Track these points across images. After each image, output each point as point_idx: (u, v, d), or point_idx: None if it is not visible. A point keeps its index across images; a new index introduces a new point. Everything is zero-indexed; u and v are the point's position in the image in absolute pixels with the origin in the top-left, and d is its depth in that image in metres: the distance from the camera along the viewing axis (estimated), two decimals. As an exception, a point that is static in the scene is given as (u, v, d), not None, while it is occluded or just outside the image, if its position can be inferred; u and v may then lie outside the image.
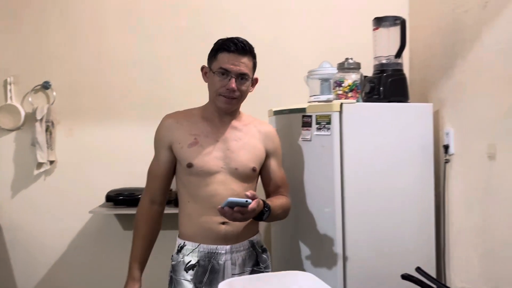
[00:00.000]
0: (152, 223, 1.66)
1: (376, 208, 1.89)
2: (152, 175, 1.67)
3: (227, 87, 1.56)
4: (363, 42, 2.24)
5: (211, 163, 1.58)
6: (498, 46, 1.66)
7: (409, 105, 2.05)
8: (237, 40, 1.57)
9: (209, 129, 1.63)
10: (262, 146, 1.69)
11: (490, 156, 1.73)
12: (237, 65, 1.55)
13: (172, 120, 1.65)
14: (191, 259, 1.58)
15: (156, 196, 1.67)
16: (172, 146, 1.62)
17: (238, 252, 1.60)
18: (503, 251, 1.69)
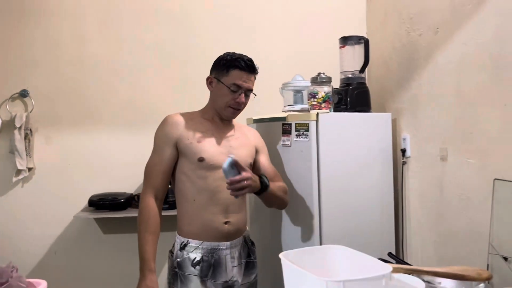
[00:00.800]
0: (157, 218, 1.70)
1: (347, 205, 2.15)
2: (155, 171, 1.71)
3: (237, 101, 1.76)
4: (329, 57, 2.52)
5: (219, 158, 1.71)
6: (449, 65, 1.98)
7: (371, 114, 2.34)
8: (246, 59, 1.79)
9: (212, 128, 1.80)
10: (252, 143, 1.91)
11: (442, 158, 2.05)
12: (247, 82, 1.77)
13: (178, 117, 1.77)
14: (196, 256, 1.70)
15: (159, 192, 1.72)
16: (179, 142, 1.71)
17: (235, 247, 1.78)
18: (452, 239, 2.01)
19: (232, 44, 2.76)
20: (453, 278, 1.01)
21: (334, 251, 0.99)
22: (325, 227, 2.08)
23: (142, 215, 1.70)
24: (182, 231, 1.77)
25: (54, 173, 2.65)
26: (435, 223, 2.12)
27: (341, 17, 2.81)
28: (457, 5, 1.91)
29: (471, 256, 1.86)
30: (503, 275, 1.63)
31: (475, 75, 1.83)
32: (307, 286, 0.83)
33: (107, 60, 2.70)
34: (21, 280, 0.84)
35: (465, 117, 1.89)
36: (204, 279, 1.71)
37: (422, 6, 2.17)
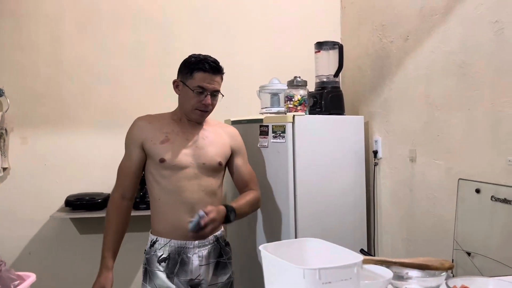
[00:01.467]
0: (123, 216, 1.80)
1: (321, 204, 2.23)
2: (124, 172, 1.81)
3: (203, 103, 1.76)
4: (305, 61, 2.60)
5: (181, 158, 1.75)
6: (419, 71, 2.09)
7: (345, 117, 2.43)
8: (210, 61, 1.78)
9: (179, 129, 1.81)
10: (228, 144, 1.89)
11: (411, 159, 2.15)
12: (212, 83, 1.77)
13: (143, 120, 1.82)
14: (163, 253, 1.75)
15: (127, 192, 1.80)
16: (144, 143, 1.77)
17: (204, 247, 1.78)
18: (420, 236, 2.11)
19: (210, 47, 2.79)
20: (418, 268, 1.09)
21: (311, 243, 1.06)
22: (300, 225, 2.15)
23: (107, 214, 1.81)
24: (153, 229, 1.82)
25: (30, 173, 2.63)
26: (405, 221, 2.22)
27: (316, 23, 2.90)
28: (426, 14, 2.03)
29: (438, 252, 1.96)
30: (466, 269, 1.74)
31: (442, 81, 1.94)
32: (286, 275, 0.89)
33: (85, 61, 2.70)
34: (11, 272, 0.87)
35: (433, 120, 2.00)
36: (170, 276, 1.75)
37: (393, 14, 2.28)
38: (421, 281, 1.09)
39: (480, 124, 1.74)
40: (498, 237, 1.63)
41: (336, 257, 0.96)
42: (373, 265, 1.09)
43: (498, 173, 1.64)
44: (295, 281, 0.85)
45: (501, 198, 1.60)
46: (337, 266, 0.86)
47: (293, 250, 1.02)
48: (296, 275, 0.85)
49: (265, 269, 0.99)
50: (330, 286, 0.82)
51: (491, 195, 1.65)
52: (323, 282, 0.82)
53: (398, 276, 1.09)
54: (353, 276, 0.86)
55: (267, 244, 1.01)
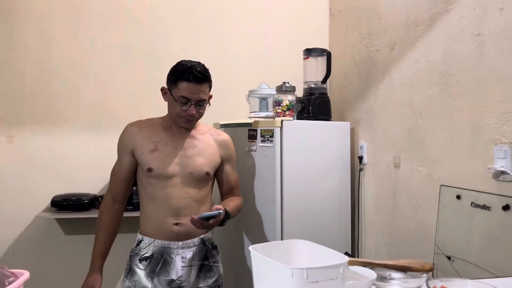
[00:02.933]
0: (114, 219, 1.83)
1: (307, 207, 2.27)
2: (115, 177, 1.85)
3: (187, 113, 1.75)
4: (294, 67, 2.65)
5: (168, 168, 1.77)
6: (403, 80, 2.15)
7: (332, 123, 2.48)
8: (195, 71, 1.73)
9: (168, 137, 1.82)
10: (217, 153, 1.89)
11: (395, 165, 2.21)
12: (196, 93, 1.74)
13: (135, 127, 1.83)
14: (147, 252, 1.77)
15: (118, 195, 1.84)
16: (134, 151, 1.80)
17: (188, 248, 1.79)
18: (403, 240, 2.17)
19: (200, 50, 2.85)
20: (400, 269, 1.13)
21: (298, 244, 1.10)
22: (286, 228, 2.19)
23: (99, 216, 1.85)
24: (140, 229, 1.85)
25: (16, 172, 2.62)
26: (388, 226, 2.28)
27: (305, 30, 2.95)
28: (411, 25, 2.09)
29: (419, 256, 2.02)
30: (447, 273, 1.80)
31: (425, 90, 2.00)
32: (274, 275, 0.93)
33: (74, 61, 2.70)
34: (4, 269, 0.88)
35: (416, 128, 2.06)
36: (150, 275, 1.77)
37: (380, 23, 2.34)
38: (403, 282, 1.13)
39: (461, 133, 1.80)
40: (477, 242, 1.68)
41: (323, 258, 1.00)
42: (358, 266, 1.13)
43: (478, 180, 1.70)
44: (284, 280, 0.88)
45: (481, 204, 1.66)
46: (324, 266, 0.89)
47: (281, 251, 1.05)
48: (284, 275, 0.88)
49: (254, 269, 1.02)
50: (317, 285, 0.86)
51: (471, 201, 1.71)
52: (311, 281, 0.86)
53: (381, 277, 1.14)
54: (339, 276, 0.90)
55: (257, 245, 1.04)
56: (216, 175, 1.93)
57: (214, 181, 1.95)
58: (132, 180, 1.87)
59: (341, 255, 0.99)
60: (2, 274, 0.85)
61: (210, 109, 2.78)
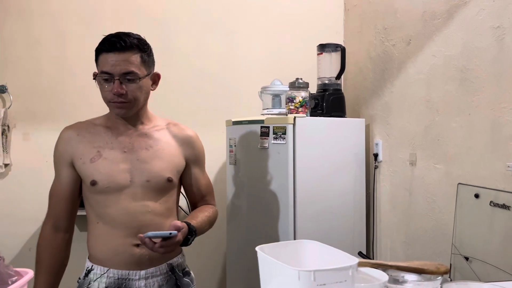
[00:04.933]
0: (57, 253, 1.46)
1: (321, 206, 2.23)
2: (54, 199, 1.47)
3: (112, 92, 1.36)
4: (307, 63, 2.61)
5: (117, 177, 1.39)
6: (420, 75, 2.09)
7: (346, 119, 2.43)
8: (116, 37, 1.38)
9: (113, 139, 1.44)
10: (180, 153, 1.51)
11: (411, 163, 2.16)
12: (118, 64, 1.35)
13: (71, 132, 1.47)
14: (99, 286, 1.38)
15: (60, 221, 1.46)
16: (74, 162, 1.42)
17: (153, 278, 1.41)
18: (419, 239, 2.12)
19: (212, 47, 2.83)
20: (414, 271, 1.09)
21: (307, 245, 1.07)
22: (299, 227, 2.16)
23: (37, 251, 1.47)
24: (90, 255, 1.47)
25: (31, 169, 2.64)
26: (404, 224, 2.23)
27: (319, 25, 2.90)
28: (428, 18, 2.03)
29: (436, 256, 1.97)
30: (464, 274, 1.75)
31: (442, 85, 1.94)
32: (281, 277, 0.90)
33: (88, 59, 2.68)
34: (9, 268, 0.87)
35: (433, 124, 2.01)
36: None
37: (396, 18, 2.28)
38: (417, 285, 1.09)
39: (480, 129, 1.74)
40: (496, 242, 1.63)
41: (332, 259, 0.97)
42: (369, 268, 1.09)
43: (497, 178, 1.65)
44: (290, 282, 0.86)
45: (500, 203, 1.61)
46: (332, 268, 0.86)
47: (289, 252, 1.02)
48: (291, 277, 0.86)
49: (261, 270, 1.00)
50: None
51: (490, 200, 1.65)
52: (318, 284, 0.83)
53: (394, 279, 1.10)
54: (348, 278, 0.86)
55: (264, 245, 1.02)
56: (182, 180, 1.55)
57: (180, 188, 1.58)
58: (77, 201, 1.49)
59: (351, 257, 0.95)
60: (5, 273, 0.85)
61: (222, 105, 2.83)
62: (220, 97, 2.82)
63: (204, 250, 2.79)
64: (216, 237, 2.76)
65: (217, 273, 2.82)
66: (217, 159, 2.82)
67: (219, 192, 2.78)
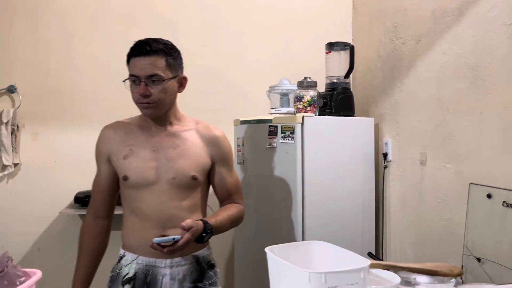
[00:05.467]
0: (97, 239, 1.59)
1: (329, 205, 2.22)
2: (95, 190, 1.61)
3: (138, 93, 1.46)
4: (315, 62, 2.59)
5: (146, 174, 1.50)
6: (430, 73, 2.06)
7: (355, 119, 2.41)
8: (140, 42, 1.50)
9: (144, 138, 1.55)
10: (205, 153, 1.58)
11: (422, 163, 2.13)
12: (143, 68, 1.45)
13: (109, 130, 1.59)
14: (129, 271, 1.50)
15: (100, 210, 1.60)
16: (110, 159, 1.55)
17: (179, 267, 1.51)
18: (430, 240, 2.09)
19: (220, 46, 2.82)
20: (427, 273, 1.07)
21: (317, 246, 1.05)
22: (307, 227, 2.14)
23: (79, 236, 1.62)
24: (123, 244, 1.59)
25: (40, 169, 2.65)
26: (414, 225, 2.20)
27: (328, 24, 2.88)
28: (438, 16, 2.00)
29: (447, 257, 1.94)
30: (476, 275, 1.72)
31: (453, 83, 1.91)
32: (291, 278, 0.88)
33: (96, 59, 2.71)
34: (17, 269, 0.87)
35: (443, 123, 1.98)
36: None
37: (405, 15, 2.26)
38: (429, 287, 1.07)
39: (492, 128, 1.71)
40: (509, 243, 1.60)
41: (343, 261, 0.95)
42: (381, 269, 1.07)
43: (510, 178, 1.62)
44: (301, 284, 0.84)
45: (513, 203, 1.58)
46: (344, 270, 0.85)
47: (299, 253, 1.01)
48: (301, 279, 0.84)
49: (270, 271, 0.98)
50: (336, 291, 0.81)
51: (503, 200, 1.62)
52: (329, 286, 0.81)
53: (406, 281, 1.08)
54: (360, 280, 0.85)
55: (273, 246, 1.00)
56: (209, 179, 1.62)
57: (208, 186, 1.65)
58: (116, 193, 1.62)
59: (363, 259, 0.94)
60: (14, 274, 0.84)
61: (230, 105, 2.82)
62: (228, 96, 2.81)
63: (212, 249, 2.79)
64: (224, 236, 2.75)
65: (225, 272, 2.81)
66: (225, 158, 2.81)
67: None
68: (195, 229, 1.38)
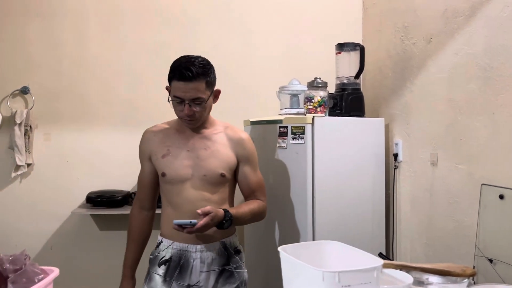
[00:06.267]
0: (142, 227, 1.84)
1: (340, 206, 2.21)
2: (140, 185, 1.85)
3: (183, 113, 1.67)
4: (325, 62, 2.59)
5: (181, 171, 1.72)
6: (441, 74, 2.05)
7: (365, 119, 2.40)
8: (185, 69, 1.63)
9: (180, 140, 1.77)
10: (233, 153, 1.78)
11: (433, 163, 2.12)
12: (187, 91, 1.63)
13: (150, 133, 1.82)
14: (165, 255, 1.74)
15: (145, 203, 1.84)
16: (151, 157, 1.78)
17: (208, 251, 1.72)
18: (441, 241, 2.08)
19: (230, 48, 2.83)
20: (439, 274, 1.07)
21: (329, 245, 1.05)
22: (318, 228, 2.14)
23: (128, 225, 1.86)
24: (161, 231, 1.82)
25: (53, 169, 2.69)
26: (425, 226, 2.19)
27: (338, 24, 2.88)
28: (450, 16, 1.99)
29: (458, 258, 1.93)
30: (488, 277, 1.71)
31: (465, 84, 1.90)
32: (304, 277, 0.89)
33: (107, 60, 2.74)
34: (35, 266, 0.88)
35: (455, 124, 1.97)
36: (168, 280, 1.72)
37: (416, 16, 2.25)
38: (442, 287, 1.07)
39: (505, 129, 1.70)
40: (521, 244, 1.59)
41: (356, 260, 0.95)
42: (393, 269, 1.08)
43: (522, 179, 1.61)
44: (314, 283, 0.85)
45: (526, 204, 1.57)
46: (357, 269, 0.85)
47: (311, 252, 1.01)
48: (315, 277, 0.85)
49: (283, 271, 0.99)
50: (349, 290, 0.82)
51: (515, 201, 1.61)
52: (342, 285, 0.82)
53: (418, 281, 1.08)
54: (373, 280, 0.85)
55: (286, 246, 1.01)
56: (236, 177, 1.83)
57: (235, 182, 1.85)
58: (158, 187, 1.84)
59: (375, 258, 0.94)
60: (32, 271, 0.86)
61: (240, 106, 2.82)
62: (238, 97, 2.82)
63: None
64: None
65: (235, 273, 2.82)
66: (235, 159, 2.83)
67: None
68: (213, 214, 1.58)
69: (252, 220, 1.81)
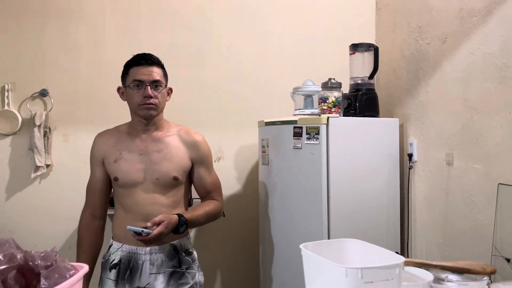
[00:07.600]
0: (95, 237, 1.83)
1: (355, 206, 2.22)
2: (90, 192, 1.85)
3: (144, 95, 1.71)
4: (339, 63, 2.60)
5: (133, 175, 1.74)
6: (457, 73, 2.06)
7: (379, 119, 2.41)
8: (143, 56, 1.77)
9: (132, 143, 1.79)
10: (186, 156, 1.81)
11: (448, 163, 2.12)
12: (148, 74, 1.72)
13: (101, 138, 1.85)
14: (115, 258, 1.75)
15: (97, 210, 1.85)
16: (104, 162, 1.80)
17: (157, 253, 1.74)
18: (457, 241, 2.08)
19: (244, 50, 2.86)
20: (459, 271, 1.08)
21: (350, 243, 1.07)
22: (333, 227, 2.16)
23: (78, 234, 1.85)
24: (112, 233, 1.84)
25: (71, 170, 2.73)
26: (440, 226, 2.19)
27: (351, 25, 2.89)
28: (465, 16, 2.00)
29: (475, 257, 1.93)
30: (505, 276, 1.71)
31: (481, 83, 1.91)
32: (327, 274, 0.91)
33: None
34: (65, 262, 0.92)
35: (470, 123, 1.97)
36: (121, 282, 1.74)
37: (430, 15, 2.25)
38: (462, 285, 1.08)
39: (522, 128, 1.70)
40: (539, 243, 1.59)
41: (377, 258, 0.97)
42: (413, 267, 1.09)
43: (540, 178, 1.61)
44: (337, 279, 0.87)
45: (544, 203, 1.57)
46: (379, 266, 0.87)
47: (333, 250, 1.03)
48: (338, 274, 0.87)
49: (305, 268, 1.01)
50: (372, 286, 0.83)
51: (533, 200, 1.61)
52: (365, 281, 0.83)
53: (438, 279, 1.09)
54: (395, 276, 0.87)
55: (308, 243, 1.03)
56: (191, 178, 1.87)
57: (189, 184, 1.89)
58: (109, 193, 1.87)
59: (396, 255, 0.96)
60: (63, 267, 0.89)
61: (254, 106, 2.85)
62: (252, 98, 2.85)
63: (238, 247, 2.84)
64: (249, 236, 2.79)
65: (250, 269, 2.84)
66: (250, 159, 2.85)
67: (251, 192, 2.82)
68: (166, 222, 1.60)
69: (207, 221, 1.83)
